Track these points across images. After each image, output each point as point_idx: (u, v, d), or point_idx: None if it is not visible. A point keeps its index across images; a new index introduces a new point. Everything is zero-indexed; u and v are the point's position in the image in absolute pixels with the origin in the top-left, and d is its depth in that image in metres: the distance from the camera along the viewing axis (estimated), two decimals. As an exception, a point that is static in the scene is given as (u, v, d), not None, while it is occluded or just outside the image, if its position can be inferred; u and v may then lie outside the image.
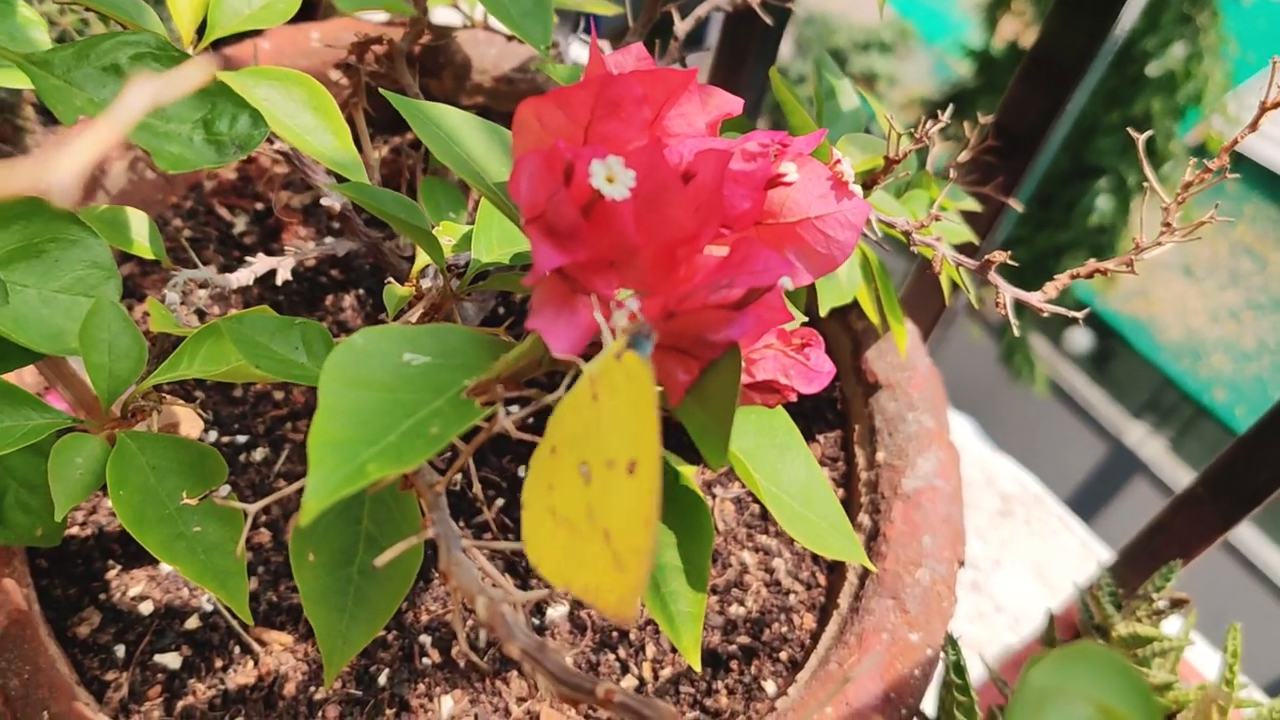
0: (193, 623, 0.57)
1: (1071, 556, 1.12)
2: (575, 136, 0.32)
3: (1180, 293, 5.92)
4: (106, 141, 0.13)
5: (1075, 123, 4.89)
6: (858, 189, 0.34)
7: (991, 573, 1.08)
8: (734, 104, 0.35)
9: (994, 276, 0.48)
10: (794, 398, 0.34)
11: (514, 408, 0.32)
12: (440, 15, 0.87)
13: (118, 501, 0.38)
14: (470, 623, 0.58)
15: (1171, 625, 0.80)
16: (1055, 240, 4.98)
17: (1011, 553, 1.10)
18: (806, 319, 0.48)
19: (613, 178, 0.29)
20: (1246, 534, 4.55)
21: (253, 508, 0.33)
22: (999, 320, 5.02)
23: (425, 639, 0.58)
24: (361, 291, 0.72)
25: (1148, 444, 5.31)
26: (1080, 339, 5.84)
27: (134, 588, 0.58)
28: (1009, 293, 0.48)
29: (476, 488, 0.38)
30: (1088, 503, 4.89)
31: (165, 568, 0.59)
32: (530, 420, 0.65)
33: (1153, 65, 4.85)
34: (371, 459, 0.27)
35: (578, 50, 0.90)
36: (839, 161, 0.34)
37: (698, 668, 0.34)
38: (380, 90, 0.37)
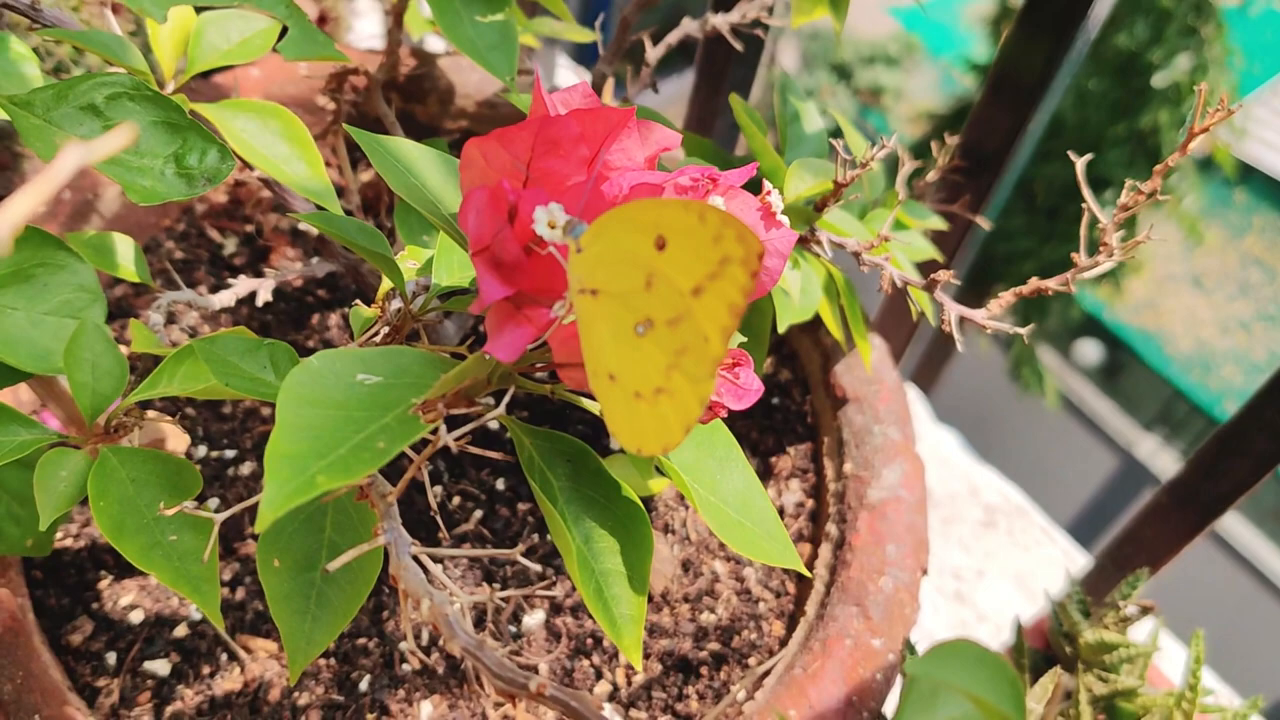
0: (181, 631, 0.60)
1: (1054, 567, 1.14)
2: (517, 173, 0.34)
3: (1190, 304, 5.92)
4: (39, 199, 0.16)
5: (1082, 135, 4.91)
6: (784, 219, 0.36)
7: (975, 583, 1.10)
8: (672, 139, 0.38)
9: (940, 295, 0.50)
10: (724, 414, 0.36)
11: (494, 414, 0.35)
12: (426, 42, 0.90)
13: (98, 512, 0.40)
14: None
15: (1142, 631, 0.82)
16: (1062, 252, 4.99)
17: (994, 563, 1.12)
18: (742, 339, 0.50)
19: (554, 223, 0.31)
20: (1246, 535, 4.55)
21: (219, 516, 0.35)
22: (1004, 334, 5.01)
23: (405, 645, 0.61)
24: (346, 310, 0.75)
25: (1159, 457, 5.30)
26: (1089, 351, 5.84)
27: (125, 597, 0.60)
28: (954, 310, 0.50)
29: (432, 501, 0.40)
30: (1098, 516, 4.88)
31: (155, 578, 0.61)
32: (504, 435, 0.68)
33: (1158, 77, 4.86)
34: (321, 471, 0.30)
35: (563, 76, 0.92)
36: (769, 193, 0.37)
37: (639, 666, 0.36)
38: (344, 126, 0.40)
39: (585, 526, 0.37)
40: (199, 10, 0.50)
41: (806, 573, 0.41)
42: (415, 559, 0.34)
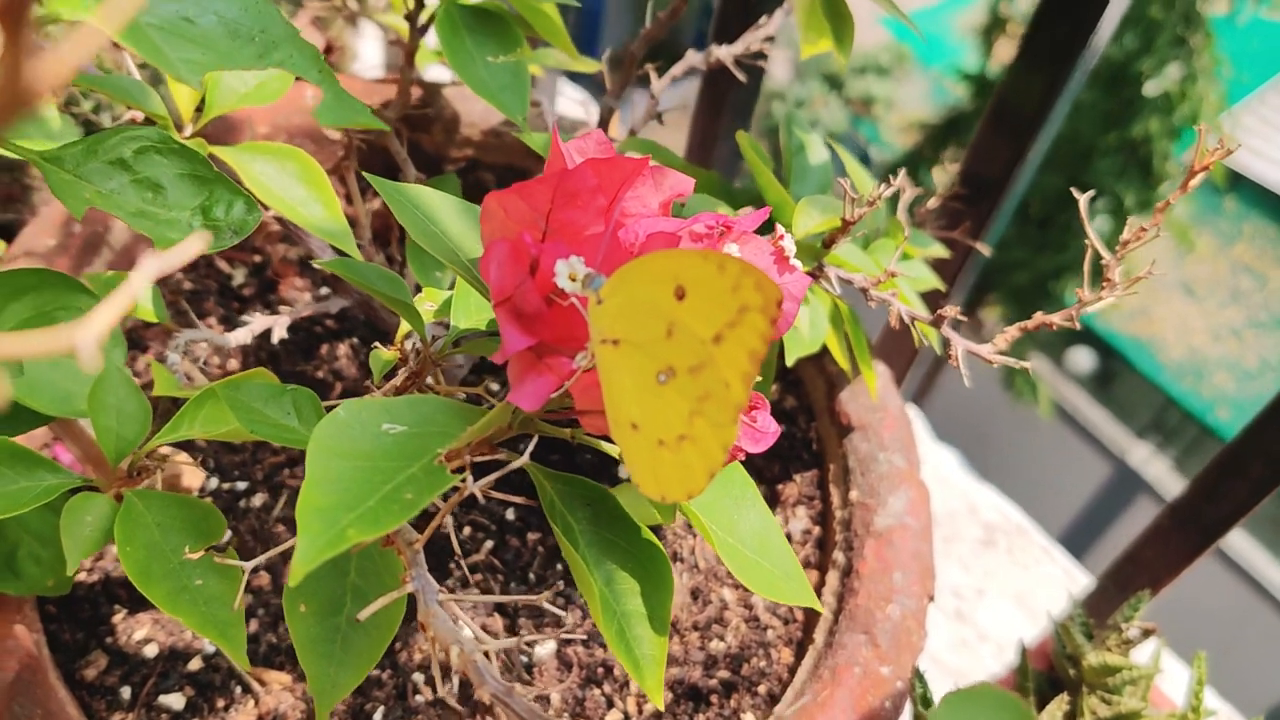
0: (195, 664, 0.60)
1: (1053, 585, 1.14)
2: (537, 224, 0.35)
3: (1181, 312, 5.94)
4: (123, 308, 0.16)
5: (1073, 145, 4.94)
6: (798, 263, 0.37)
7: (975, 602, 1.11)
8: (685, 184, 0.38)
9: (947, 330, 0.51)
10: (743, 457, 0.37)
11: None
12: (430, 72, 0.91)
13: (125, 557, 0.41)
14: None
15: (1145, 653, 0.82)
16: (1055, 262, 5.02)
17: (994, 582, 1.13)
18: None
19: (575, 276, 0.32)
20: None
21: (248, 565, 0.35)
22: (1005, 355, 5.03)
23: (418, 677, 0.61)
24: (355, 340, 0.75)
25: (1152, 464, 5.32)
26: (1082, 360, 5.86)
27: (139, 631, 0.61)
28: (961, 345, 0.51)
29: (455, 543, 0.41)
30: (1092, 525, 4.90)
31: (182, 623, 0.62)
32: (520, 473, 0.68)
33: (1149, 86, 4.89)
34: (351, 524, 0.30)
35: (562, 104, 0.93)
36: (782, 237, 0.38)
37: (661, 706, 0.37)
38: (367, 175, 0.40)
39: (606, 569, 0.38)
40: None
41: (822, 609, 0.41)
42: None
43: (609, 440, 0.39)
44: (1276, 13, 5.07)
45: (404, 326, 0.46)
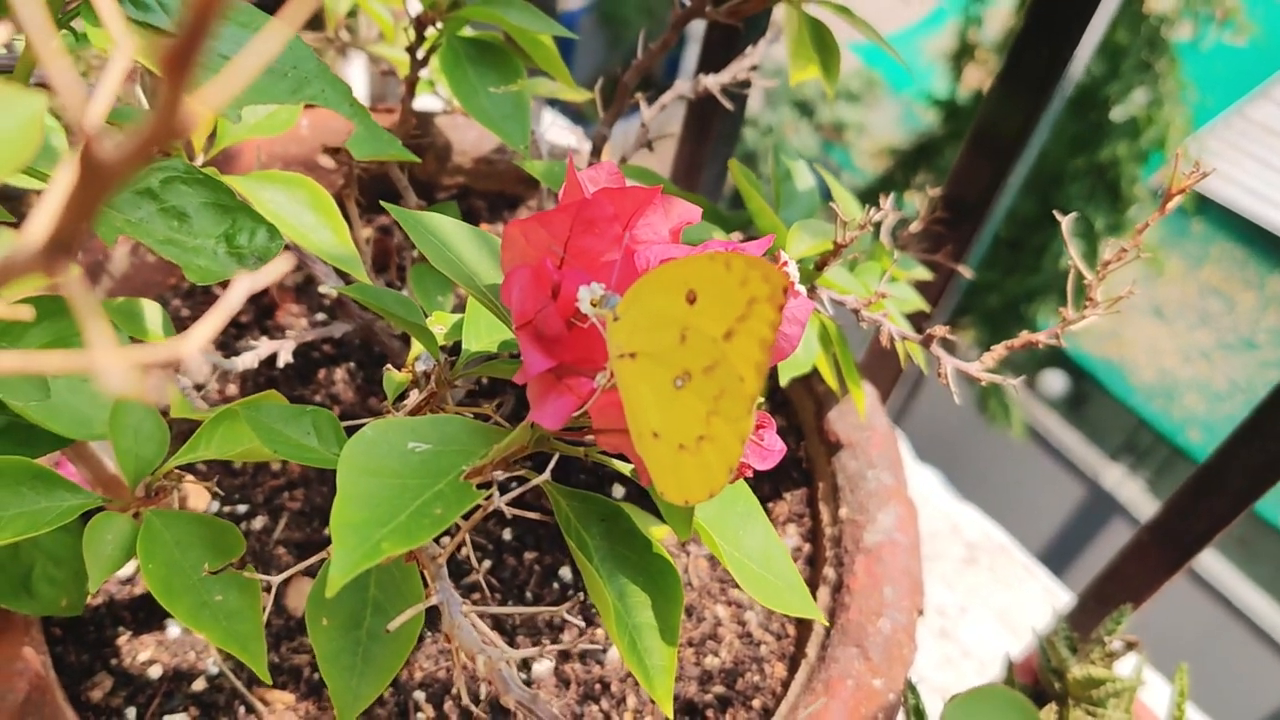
0: (199, 685, 0.61)
1: (1035, 602, 1.16)
2: (556, 250, 0.37)
3: (1152, 334, 6.00)
4: (221, 323, 0.18)
5: (1042, 168, 5.00)
6: (802, 289, 0.39)
7: (958, 619, 1.13)
8: (693, 213, 0.40)
9: (936, 349, 0.53)
10: (750, 474, 0.39)
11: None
12: (422, 102, 0.92)
13: (148, 574, 0.42)
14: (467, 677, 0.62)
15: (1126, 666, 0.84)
16: (1026, 284, 5.07)
17: (977, 600, 1.15)
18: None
19: (596, 301, 0.34)
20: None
21: (274, 579, 0.37)
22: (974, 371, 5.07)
23: (419, 695, 0.62)
24: (352, 365, 0.77)
25: (1125, 485, 5.36)
26: (1054, 382, 5.91)
27: (143, 652, 0.62)
28: (950, 364, 0.52)
29: (471, 555, 0.42)
30: (1067, 545, 4.94)
31: (173, 633, 0.63)
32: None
33: (1116, 111, 4.96)
34: (385, 538, 0.32)
35: (554, 132, 0.95)
36: (786, 264, 0.39)
37: (670, 715, 0.38)
38: (386, 205, 0.42)
39: (619, 583, 0.40)
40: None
41: (826, 622, 0.43)
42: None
43: (621, 459, 0.40)
44: (1239, 38, 5.16)
45: (416, 349, 0.47)
